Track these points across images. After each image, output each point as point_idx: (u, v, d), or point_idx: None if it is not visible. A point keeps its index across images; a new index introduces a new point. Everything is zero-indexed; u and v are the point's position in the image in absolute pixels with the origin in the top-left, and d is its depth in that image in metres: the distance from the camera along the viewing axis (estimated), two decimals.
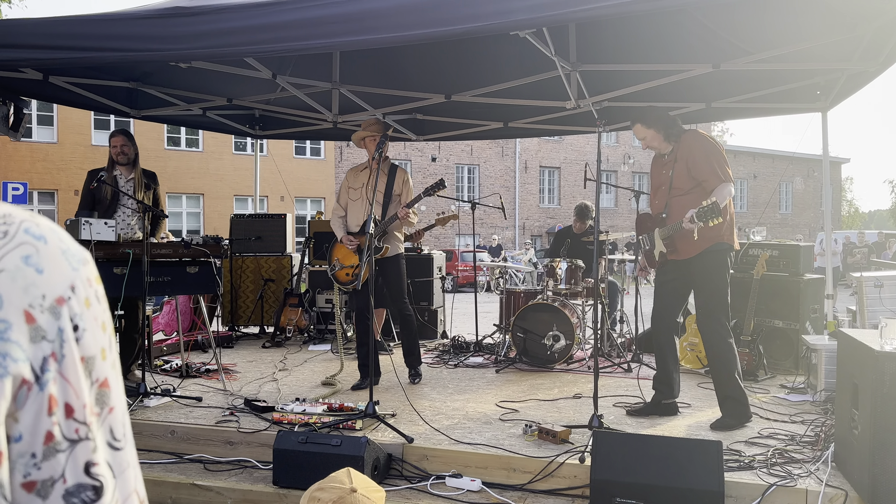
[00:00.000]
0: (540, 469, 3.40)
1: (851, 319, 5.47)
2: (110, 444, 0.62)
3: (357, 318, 5.23)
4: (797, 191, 38.90)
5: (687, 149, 4.13)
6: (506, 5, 3.17)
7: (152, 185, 5.32)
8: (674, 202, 4.15)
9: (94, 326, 0.62)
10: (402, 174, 5.27)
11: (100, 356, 0.62)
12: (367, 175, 5.16)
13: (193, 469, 3.75)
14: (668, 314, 4.33)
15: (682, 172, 4.12)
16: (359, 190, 5.17)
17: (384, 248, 5.06)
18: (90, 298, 0.62)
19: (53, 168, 21.94)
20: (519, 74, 5.72)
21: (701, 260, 4.10)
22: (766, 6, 4.49)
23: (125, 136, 5.22)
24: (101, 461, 0.61)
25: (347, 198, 5.24)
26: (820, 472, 3.27)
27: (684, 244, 4.09)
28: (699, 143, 4.12)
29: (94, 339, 0.61)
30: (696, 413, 4.41)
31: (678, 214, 4.06)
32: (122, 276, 4.57)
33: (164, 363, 5.77)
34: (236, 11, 3.57)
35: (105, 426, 0.62)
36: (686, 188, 4.12)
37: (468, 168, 30.59)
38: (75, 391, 0.59)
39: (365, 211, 5.04)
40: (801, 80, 5.51)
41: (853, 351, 3.25)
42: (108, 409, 0.62)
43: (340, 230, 5.17)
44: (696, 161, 4.07)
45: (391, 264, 5.15)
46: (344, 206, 5.26)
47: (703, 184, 4.07)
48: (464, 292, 19.05)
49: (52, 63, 4.38)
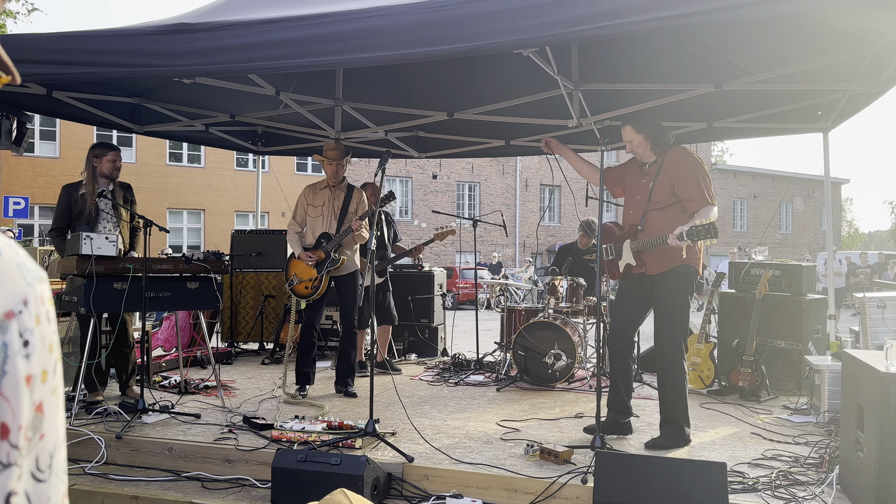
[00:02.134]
0: (542, 490, 3.36)
1: (854, 340, 5.44)
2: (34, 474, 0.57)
3: (304, 328, 5.40)
4: (797, 211, 38.93)
5: (674, 164, 4.04)
6: (509, 24, 3.18)
7: (129, 196, 5.30)
8: (651, 216, 4.06)
9: (41, 346, 0.58)
10: (360, 194, 5.52)
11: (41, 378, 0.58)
12: (328, 195, 5.42)
13: (191, 487, 3.71)
14: (627, 333, 4.23)
15: (665, 187, 4.04)
16: (319, 208, 5.40)
17: (341, 260, 5.27)
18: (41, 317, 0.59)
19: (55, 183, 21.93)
20: (521, 93, 5.74)
21: (667, 278, 4.04)
22: (768, 27, 4.51)
23: (117, 151, 5.18)
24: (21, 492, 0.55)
25: (305, 214, 5.43)
26: (825, 494, 3.24)
27: (654, 260, 4.03)
28: (688, 162, 4.03)
29: (41, 360, 0.58)
30: (699, 433, 4.37)
31: (654, 229, 4.00)
32: (121, 291, 4.55)
33: (162, 379, 5.73)
34: (240, 28, 3.59)
35: (33, 454, 0.57)
36: (665, 203, 4.04)
37: (469, 185, 30.66)
38: (13, 412, 0.55)
39: (324, 228, 5.35)
40: (802, 101, 5.53)
41: (858, 372, 3.22)
42: (39, 435, 0.58)
43: (298, 246, 5.37)
44: (684, 179, 4.00)
45: (348, 280, 5.38)
46: (300, 223, 5.45)
47: (685, 203, 4.01)
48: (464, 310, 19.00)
49: (55, 78, 4.39)
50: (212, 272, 4.94)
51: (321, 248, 5.26)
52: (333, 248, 5.25)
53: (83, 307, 4.45)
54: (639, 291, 4.15)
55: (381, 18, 3.37)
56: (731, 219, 37.50)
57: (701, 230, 3.77)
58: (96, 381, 5.00)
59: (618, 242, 4.23)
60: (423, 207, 28.57)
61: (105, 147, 5.16)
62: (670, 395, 4.03)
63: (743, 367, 5.41)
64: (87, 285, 4.45)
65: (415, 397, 5.39)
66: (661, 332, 4.08)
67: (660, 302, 4.08)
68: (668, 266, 4.01)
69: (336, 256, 5.24)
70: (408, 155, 7.62)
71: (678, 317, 4.06)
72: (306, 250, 5.30)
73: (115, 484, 3.73)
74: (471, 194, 30.73)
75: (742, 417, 4.78)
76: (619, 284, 4.34)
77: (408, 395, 5.43)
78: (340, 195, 5.43)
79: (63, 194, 5.09)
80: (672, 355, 4.03)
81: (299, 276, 5.31)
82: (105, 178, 5.11)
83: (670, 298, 4.05)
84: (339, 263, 5.26)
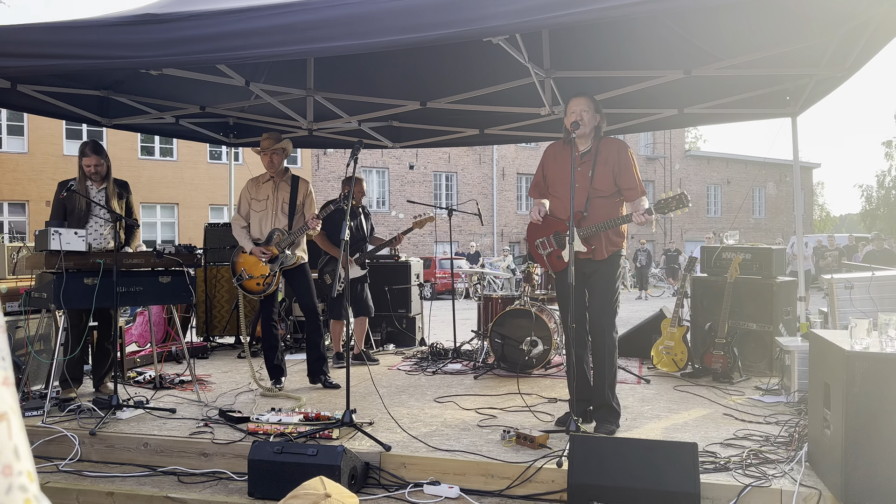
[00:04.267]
0: (518, 474, 3.40)
1: (823, 321, 5.55)
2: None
3: (264, 323, 5.33)
4: (770, 195, 39.47)
5: (615, 154, 4.08)
6: (478, 12, 3.17)
7: (125, 193, 5.21)
8: (596, 202, 4.06)
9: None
10: (305, 185, 5.40)
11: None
12: (271, 187, 5.30)
13: (167, 482, 3.69)
14: (581, 325, 4.17)
15: (607, 176, 4.06)
16: (263, 202, 5.28)
17: (297, 257, 5.19)
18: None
19: (24, 178, 21.59)
20: (494, 81, 5.74)
21: (610, 263, 4.09)
22: (736, 13, 4.55)
23: (97, 156, 4.99)
24: None
25: (249, 208, 5.32)
26: (794, 472, 3.31)
27: (601, 245, 4.05)
28: (626, 154, 4.10)
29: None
30: (673, 416, 4.44)
31: (600, 215, 4.02)
32: (92, 286, 4.49)
33: (137, 375, 5.68)
34: (208, 18, 3.54)
35: None
36: (608, 192, 4.07)
37: (446, 175, 30.65)
38: None
39: (271, 222, 5.23)
40: (770, 86, 5.60)
41: (824, 351, 3.29)
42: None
43: (247, 241, 5.22)
44: (625, 170, 4.06)
45: (300, 273, 5.29)
46: (245, 216, 5.33)
47: (625, 192, 4.08)
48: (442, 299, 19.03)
49: (19, 71, 4.29)
50: (184, 266, 4.89)
51: (275, 244, 5.15)
52: (287, 246, 5.15)
53: (53, 303, 4.39)
54: (580, 279, 4.05)
55: (351, 7, 3.34)
56: (706, 204, 37.92)
57: (671, 201, 3.86)
58: (69, 379, 4.94)
59: (559, 233, 4.17)
60: (401, 198, 28.51)
61: (84, 148, 5.01)
62: (609, 379, 4.07)
63: (715, 350, 5.50)
64: (57, 281, 4.39)
65: (392, 387, 5.40)
66: (602, 317, 4.07)
67: (601, 286, 4.09)
68: (612, 250, 4.08)
69: (290, 254, 5.15)
70: (382, 145, 7.60)
71: (615, 301, 4.12)
72: (257, 245, 5.19)
73: (90, 481, 3.70)
74: (448, 184, 30.72)
75: (715, 399, 4.86)
76: (559, 276, 4.24)
77: (385, 385, 5.44)
78: (286, 188, 5.29)
79: (58, 190, 5.04)
80: (612, 340, 4.08)
81: (249, 271, 5.20)
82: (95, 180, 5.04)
83: (611, 282, 4.10)
84: (294, 261, 5.17)
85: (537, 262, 4.41)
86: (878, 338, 3.00)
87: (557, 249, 4.18)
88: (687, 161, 37.29)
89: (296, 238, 5.18)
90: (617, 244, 4.10)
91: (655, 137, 35.56)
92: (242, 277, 5.23)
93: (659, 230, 35.41)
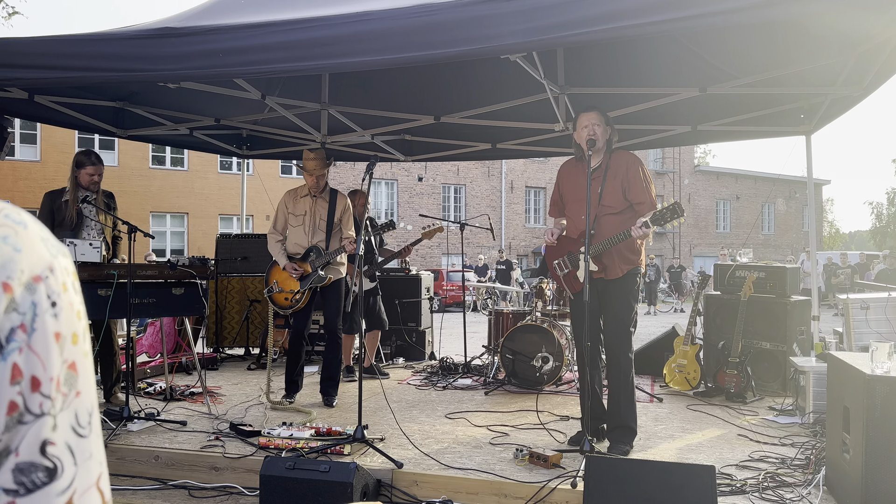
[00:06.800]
0: (531, 495, 3.36)
1: (838, 341, 5.50)
2: (74, 428, 0.60)
3: (294, 337, 5.32)
4: (779, 212, 39.34)
5: (624, 168, 4.01)
6: (496, 30, 3.18)
7: (112, 204, 5.20)
8: (605, 220, 3.97)
9: (69, 310, 0.62)
10: (343, 200, 5.34)
11: (71, 339, 0.61)
12: (309, 202, 5.24)
13: (178, 496, 3.67)
14: (594, 346, 4.12)
15: (617, 191, 3.99)
16: (301, 217, 5.23)
17: (328, 278, 5.14)
18: (67, 284, 0.63)
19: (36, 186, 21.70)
20: (508, 97, 5.75)
21: (625, 281, 4.02)
22: (752, 32, 4.55)
23: (97, 165, 4.99)
24: (61, 443, 0.59)
25: (287, 223, 5.27)
26: (812, 495, 3.26)
27: (614, 263, 3.98)
28: (638, 167, 4.03)
29: (69, 321, 0.62)
30: (687, 436, 4.39)
31: (608, 231, 3.94)
32: (106, 297, 4.50)
33: (147, 386, 5.67)
34: (226, 32, 3.56)
35: (70, 409, 0.60)
36: (619, 208, 3.99)
37: (455, 188, 30.69)
38: (43, 364, 0.58)
39: (309, 238, 5.18)
40: (785, 104, 5.58)
41: (843, 374, 3.25)
42: (74, 391, 0.61)
43: (283, 257, 5.18)
44: (634, 183, 3.98)
45: (334, 288, 5.23)
46: (281, 231, 5.28)
47: (636, 206, 4.00)
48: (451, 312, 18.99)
49: (38, 83, 4.33)
50: (197, 278, 4.90)
51: (309, 262, 5.11)
52: (321, 265, 5.09)
53: None
54: (593, 298, 3.98)
55: (369, 23, 3.36)
56: (715, 220, 37.81)
57: (666, 212, 3.78)
58: None
59: (572, 253, 4.11)
60: (409, 210, 28.55)
61: (86, 158, 5.00)
62: (626, 399, 4.02)
63: (729, 369, 5.45)
64: None
65: (403, 402, 5.38)
66: (617, 337, 4.02)
67: (616, 306, 4.03)
68: (625, 269, 4.00)
69: (323, 275, 5.09)
70: (394, 158, 7.61)
71: (631, 320, 4.06)
72: (291, 260, 5.15)
73: None
74: (456, 196, 30.76)
75: (728, 419, 4.82)
76: (576, 297, 4.13)
77: (396, 400, 5.41)
78: (324, 204, 5.24)
79: (46, 201, 5.01)
80: (628, 361, 4.02)
81: (280, 285, 5.18)
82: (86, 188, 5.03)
83: (626, 302, 4.04)
84: (324, 281, 5.12)
85: (556, 283, 4.37)
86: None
87: (573, 270, 4.14)
88: (696, 176, 37.22)
89: (331, 258, 5.12)
90: (632, 262, 4.01)
91: (665, 152, 35.54)
92: (272, 289, 5.21)
93: (667, 245, 35.30)
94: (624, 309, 4.04)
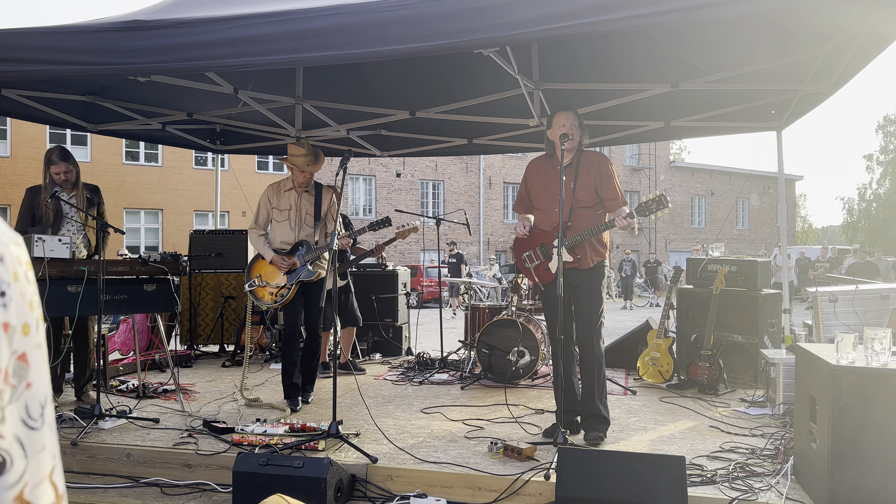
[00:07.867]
0: (505, 487, 3.38)
1: (808, 333, 5.59)
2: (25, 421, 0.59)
3: (287, 335, 5.04)
4: (753, 207, 39.86)
5: (596, 167, 4.14)
6: (470, 24, 3.18)
7: (95, 199, 5.08)
8: (579, 213, 4.10)
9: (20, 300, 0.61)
10: (329, 193, 5.14)
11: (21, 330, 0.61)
12: (294, 197, 5.04)
13: (150, 493, 3.64)
14: (569, 338, 4.19)
15: (589, 187, 4.12)
16: (285, 211, 5.03)
17: (318, 273, 4.95)
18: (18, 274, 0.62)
19: (7, 182, 21.32)
20: (483, 92, 5.76)
21: (594, 273, 4.13)
22: (724, 28, 4.60)
23: (66, 163, 4.86)
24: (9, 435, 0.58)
25: (269, 218, 5.08)
26: (780, 485, 3.32)
27: (586, 254, 4.08)
28: (607, 166, 4.16)
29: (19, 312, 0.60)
30: (660, 428, 4.45)
31: (583, 224, 4.06)
32: (76, 294, 4.44)
33: (120, 383, 5.60)
34: (197, 25, 3.53)
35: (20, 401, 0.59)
36: (591, 203, 4.13)
37: (433, 184, 30.67)
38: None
39: (295, 233, 4.99)
40: (756, 100, 5.66)
41: (811, 365, 3.31)
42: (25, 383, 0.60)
43: (268, 250, 4.96)
44: (605, 181, 4.12)
45: (317, 285, 5.00)
46: (263, 226, 5.08)
47: (606, 202, 4.14)
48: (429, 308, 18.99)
49: (5, 76, 4.24)
50: (169, 274, 4.85)
51: (298, 256, 4.93)
52: (311, 261, 4.92)
53: None
54: (566, 290, 4.00)
55: (342, 17, 3.34)
56: (690, 215, 38.21)
57: (651, 204, 3.94)
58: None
59: (544, 245, 4.18)
60: (387, 206, 28.47)
61: (55, 156, 4.88)
62: (599, 389, 4.10)
63: (701, 362, 5.52)
64: (40, 288, 4.32)
65: (379, 397, 5.37)
66: (588, 328, 4.10)
67: (588, 296, 4.11)
68: (596, 260, 4.12)
69: (312, 269, 4.92)
70: (370, 153, 7.59)
71: (600, 311, 4.14)
72: (278, 254, 4.95)
73: (71, 492, 3.64)
74: (434, 192, 30.74)
75: (700, 411, 4.88)
76: (546, 288, 4.21)
77: (372, 396, 5.41)
78: (309, 198, 5.06)
79: (26, 197, 4.94)
80: (600, 350, 4.11)
81: (265, 278, 4.99)
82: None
83: (597, 293, 4.13)
84: (314, 276, 4.93)
85: (524, 275, 4.43)
86: (864, 352, 3.02)
87: (544, 261, 4.20)
88: (671, 172, 37.58)
89: (321, 254, 4.94)
90: (601, 254, 4.15)
91: (640, 148, 35.84)
92: (255, 283, 5.00)
93: (643, 240, 35.62)
94: (595, 300, 4.12)
